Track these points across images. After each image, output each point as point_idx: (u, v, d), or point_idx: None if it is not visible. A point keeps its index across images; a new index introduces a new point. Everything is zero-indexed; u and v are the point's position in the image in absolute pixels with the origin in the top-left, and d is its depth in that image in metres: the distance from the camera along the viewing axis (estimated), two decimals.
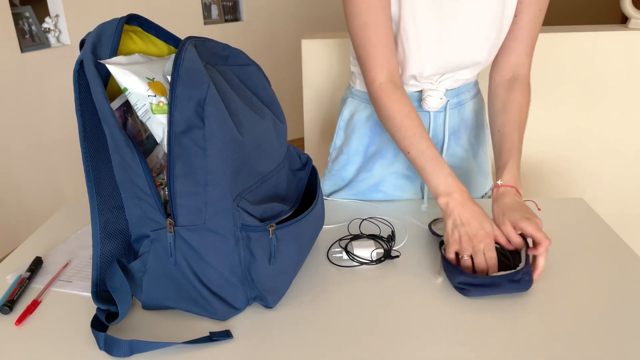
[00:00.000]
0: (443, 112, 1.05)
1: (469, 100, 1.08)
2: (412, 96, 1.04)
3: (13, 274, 0.87)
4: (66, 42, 2.77)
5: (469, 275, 0.76)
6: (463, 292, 0.77)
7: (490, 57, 1.00)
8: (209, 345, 0.69)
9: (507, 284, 0.76)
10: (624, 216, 2.02)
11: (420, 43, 0.94)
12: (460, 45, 0.95)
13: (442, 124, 1.06)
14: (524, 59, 0.99)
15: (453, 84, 1.03)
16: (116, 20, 0.70)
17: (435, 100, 1.01)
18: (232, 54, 0.76)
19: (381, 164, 1.10)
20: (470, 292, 0.76)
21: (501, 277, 0.75)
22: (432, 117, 1.05)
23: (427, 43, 0.94)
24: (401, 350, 0.67)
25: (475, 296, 0.77)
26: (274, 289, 0.74)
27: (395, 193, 1.12)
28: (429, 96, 1.01)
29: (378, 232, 0.97)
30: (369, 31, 0.90)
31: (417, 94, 1.04)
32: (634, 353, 0.66)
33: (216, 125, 0.64)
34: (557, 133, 1.91)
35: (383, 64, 0.92)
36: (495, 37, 0.96)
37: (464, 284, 0.77)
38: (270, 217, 0.73)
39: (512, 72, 1.00)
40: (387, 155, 1.09)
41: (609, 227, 0.96)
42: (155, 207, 0.68)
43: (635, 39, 1.76)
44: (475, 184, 1.14)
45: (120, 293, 0.70)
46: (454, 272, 0.78)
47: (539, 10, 0.95)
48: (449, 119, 1.06)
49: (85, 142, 0.70)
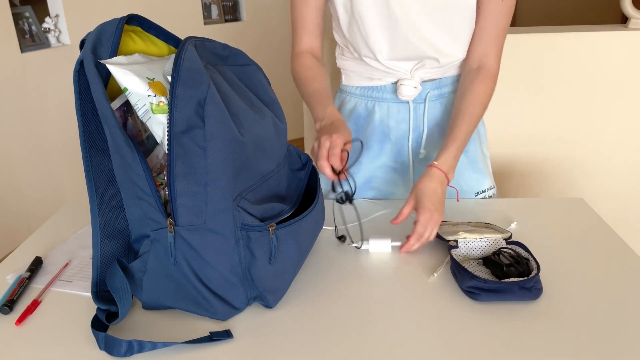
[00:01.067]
0: (423, 104, 1.08)
1: (452, 92, 1.10)
2: (387, 88, 1.08)
3: (13, 274, 0.87)
4: (66, 42, 2.77)
5: (480, 280, 0.75)
6: (472, 296, 0.76)
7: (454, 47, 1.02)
8: (209, 345, 0.69)
9: (518, 290, 0.75)
10: (624, 216, 2.02)
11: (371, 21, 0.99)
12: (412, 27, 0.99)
13: (422, 116, 1.09)
14: (490, 49, 1.02)
15: (428, 75, 1.06)
16: (116, 20, 0.70)
17: (409, 89, 1.05)
18: (232, 54, 0.76)
19: (368, 157, 1.13)
20: (480, 296, 0.76)
21: (512, 283, 0.75)
22: (412, 108, 1.08)
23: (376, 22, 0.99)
24: (401, 351, 0.67)
25: (484, 301, 0.76)
26: (274, 288, 0.74)
27: (387, 188, 1.13)
28: (402, 85, 1.05)
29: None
30: (295, 12, 1.07)
31: (393, 86, 1.08)
32: (635, 353, 0.66)
33: (216, 125, 0.64)
34: (557, 133, 1.91)
35: (302, 41, 1.07)
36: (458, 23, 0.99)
37: (474, 288, 0.76)
38: (271, 217, 0.73)
39: (478, 62, 1.03)
40: (372, 147, 1.12)
41: (609, 227, 0.96)
42: (156, 207, 0.68)
43: (635, 39, 1.76)
44: (465, 180, 1.12)
45: (121, 293, 0.70)
46: (465, 276, 0.77)
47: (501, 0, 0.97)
48: (428, 110, 1.09)
49: (85, 142, 0.70)
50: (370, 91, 1.10)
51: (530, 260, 0.80)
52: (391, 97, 1.09)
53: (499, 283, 0.75)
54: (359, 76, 1.10)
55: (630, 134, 1.89)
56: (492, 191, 1.15)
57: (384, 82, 1.08)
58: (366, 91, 1.10)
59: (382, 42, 1.01)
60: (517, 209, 1.04)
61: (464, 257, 0.86)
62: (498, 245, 0.86)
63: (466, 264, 0.84)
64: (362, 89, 1.11)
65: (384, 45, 1.02)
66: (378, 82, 1.08)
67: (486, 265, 0.84)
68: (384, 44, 1.01)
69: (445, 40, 1.01)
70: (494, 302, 0.76)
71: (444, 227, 0.93)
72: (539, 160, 1.96)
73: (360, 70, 1.09)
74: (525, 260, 0.81)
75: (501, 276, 0.80)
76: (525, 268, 0.79)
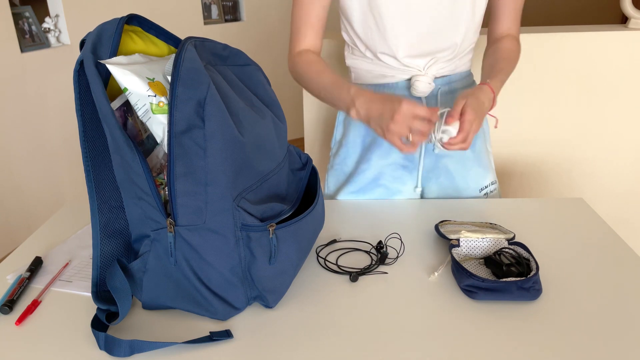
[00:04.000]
0: (435, 100, 1.09)
1: (463, 88, 1.11)
2: (400, 84, 1.08)
3: (13, 274, 0.87)
4: (66, 42, 2.77)
5: (477, 279, 0.75)
6: (470, 294, 0.77)
7: (467, 39, 1.04)
8: (209, 345, 0.69)
9: (516, 290, 0.75)
10: (624, 216, 2.02)
11: (391, 17, 0.99)
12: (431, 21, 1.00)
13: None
14: (512, 28, 1.10)
15: (441, 71, 1.06)
16: (116, 20, 0.70)
17: (424, 85, 1.04)
18: (232, 54, 0.76)
19: (378, 154, 1.12)
20: (477, 295, 0.76)
21: (510, 283, 0.75)
22: (425, 104, 1.08)
23: (396, 18, 0.99)
24: (401, 351, 0.67)
25: (482, 300, 0.76)
26: (274, 288, 0.74)
27: (395, 186, 1.13)
28: (417, 81, 1.05)
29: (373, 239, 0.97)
30: (300, 9, 1.04)
31: (406, 82, 1.07)
32: (634, 353, 0.66)
33: (216, 125, 0.64)
34: (557, 133, 1.91)
35: (305, 39, 1.06)
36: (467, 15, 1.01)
37: (472, 286, 0.76)
38: (271, 217, 0.73)
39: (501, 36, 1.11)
40: (383, 145, 1.12)
41: (609, 227, 0.96)
42: (156, 207, 0.68)
43: (635, 39, 1.76)
44: (471, 174, 1.13)
45: (121, 293, 0.70)
46: (463, 274, 0.78)
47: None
48: (440, 106, 1.09)
49: (85, 142, 0.70)
50: (382, 88, 1.09)
51: (531, 261, 0.80)
52: (403, 94, 1.08)
53: (496, 282, 0.75)
54: (370, 74, 1.09)
55: (630, 134, 1.90)
56: (495, 186, 1.16)
57: (397, 79, 1.08)
58: (378, 88, 1.10)
59: (401, 37, 1.01)
60: (517, 209, 1.05)
61: (465, 257, 0.86)
62: (499, 245, 0.86)
63: (467, 263, 0.84)
64: (374, 86, 1.10)
65: (402, 41, 1.02)
66: (390, 79, 1.08)
67: (487, 265, 0.84)
68: (403, 38, 1.01)
69: (460, 29, 1.02)
70: (493, 301, 0.76)
71: (448, 226, 0.94)
72: (539, 160, 1.96)
73: (372, 68, 1.08)
74: (525, 260, 0.81)
75: (501, 276, 0.80)
76: (526, 268, 0.79)
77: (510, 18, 1.09)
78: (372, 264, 0.86)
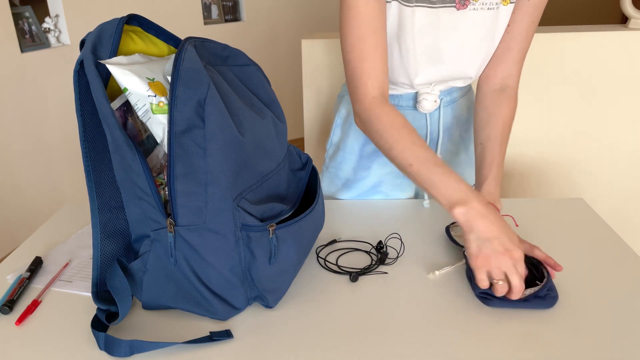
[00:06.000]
0: (437, 111, 1.07)
1: (461, 97, 1.10)
2: (407, 96, 1.06)
3: (13, 274, 0.87)
4: (66, 42, 2.77)
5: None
6: (485, 301, 0.76)
7: (480, 71, 1.01)
8: (209, 345, 0.69)
9: (533, 299, 0.74)
10: (624, 216, 2.02)
11: (416, 54, 0.94)
12: (454, 59, 0.96)
13: (437, 122, 1.08)
14: (514, 70, 0.99)
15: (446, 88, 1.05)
16: (116, 20, 0.70)
17: (430, 104, 1.03)
18: (232, 54, 0.76)
19: (379, 163, 1.11)
20: (492, 302, 0.75)
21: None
22: (428, 117, 1.07)
23: (422, 55, 0.95)
24: (402, 351, 0.67)
25: (497, 307, 0.75)
26: (274, 288, 0.74)
27: (394, 193, 1.13)
28: (425, 99, 1.02)
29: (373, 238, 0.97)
30: (365, 44, 0.88)
31: (410, 95, 1.05)
32: (634, 353, 0.66)
33: (216, 125, 0.64)
34: (557, 133, 1.91)
35: (377, 78, 0.90)
36: (486, 50, 0.97)
37: (487, 294, 0.75)
38: (271, 217, 0.73)
39: (500, 83, 1.00)
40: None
41: (609, 227, 0.96)
42: (156, 207, 0.68)
43: (635, 39, 1.76)
44: (464, 176, 1.16)
45: (121, 293, 0.70)
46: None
47: (532, 22, 0.95)
48: (442, 117, 1.07)
49: (85, 142, 0.70)
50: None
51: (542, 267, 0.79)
52: (407, 105, 1.06)
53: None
54: None
55: (630, 134, 1.89)
56: None
57: (402, 92, 1.05)
58: None
59: (421, 72, 0.97)
60: (517, 209, 1.05)
61: None
62: None
63: None
64: None
65: (422, 74, 0.98)
66: (395, 91, 1.05)
67: None
68: (423, 73, 0.98)
69: (475, 67, 0.99)
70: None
71: (458, 229, 0.93)
72: (539, 160, 1.96)
73: None
74: (542, 266, 0.80)
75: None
76: (542, 274, 0.78)
77: (514, 60, 0.98)
78: (372, 264, 0.87)
